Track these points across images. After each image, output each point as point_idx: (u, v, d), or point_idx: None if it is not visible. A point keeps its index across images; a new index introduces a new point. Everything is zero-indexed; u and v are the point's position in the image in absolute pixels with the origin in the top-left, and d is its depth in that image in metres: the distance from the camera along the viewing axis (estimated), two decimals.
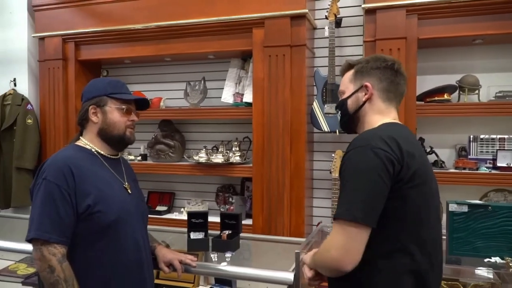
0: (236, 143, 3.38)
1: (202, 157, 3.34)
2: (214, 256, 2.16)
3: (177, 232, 2.87)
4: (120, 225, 1.71)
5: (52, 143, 3.73)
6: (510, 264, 1.79)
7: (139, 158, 3.68)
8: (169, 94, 3.73)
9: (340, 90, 1.66)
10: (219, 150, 3.40)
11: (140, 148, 3.74)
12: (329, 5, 3.08)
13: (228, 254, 2.12)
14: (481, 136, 2.98)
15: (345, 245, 1.29)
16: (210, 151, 3.42)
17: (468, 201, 1.85)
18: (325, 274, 1.44)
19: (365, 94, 1.54)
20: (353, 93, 1.57)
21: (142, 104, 1.89)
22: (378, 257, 1.34)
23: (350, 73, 1.61)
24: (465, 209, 1.84)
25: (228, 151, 3.36)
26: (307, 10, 3.00)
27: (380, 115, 1.53)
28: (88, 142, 1.80)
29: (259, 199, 3.11)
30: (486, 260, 1.84)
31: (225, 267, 1.96)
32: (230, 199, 3.46)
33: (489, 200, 2.95)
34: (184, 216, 3.49)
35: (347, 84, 1.61)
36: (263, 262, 2.29)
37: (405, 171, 1.34)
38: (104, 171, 1.77)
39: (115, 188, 1.77)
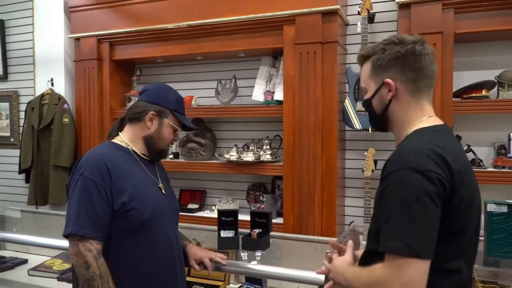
0: (266, 141, 3.36)
1: (232, 155, 3.34)
2: (244, 254, 2.15)
3: (208, 230, 2.88)
4: (154, 223, 1.74)
5: (87, 141, 3.82)
6: None
7: (171, 156, 3.71)
8: (200, 92, 3.75)
9: (361, 88, 1.48)
10: (250, 148, 3.40)
11: (172, 147, 3.78)
12: (361, 0, 3.02)
13: (258, 253, 2.11)
14: None
15: (410, 281, 1.15)
16: (241, 149, 3.42)
17: (508, 201, 1.78)
18: None
19: (389, 91, 1.37)
20: (375, 92, 1.40)
21: (186, 128, 1.96)
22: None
23: (367, 67, 1.42)
24: (504, 209, 1.76)
25: (258, 150, 3.35)
26: (339, 6, 2.95)
27: (412, 112, 1.37)
28: (128, 141, 1.83)
29: (290, 198, 3.09)
30: None
31: (255, 266, 1.96)
32: (261, 198, 3.45)
33: None
34: (215, 214, 3.50)
35: (367, 81, 1.43)
36: (293, 262, 2.27)
37: (455, 194, 1.22)
38: (139, 170, 1.80)
39: (149, 187, 1.80)
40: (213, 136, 3.66)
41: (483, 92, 2.81)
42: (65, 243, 2.47)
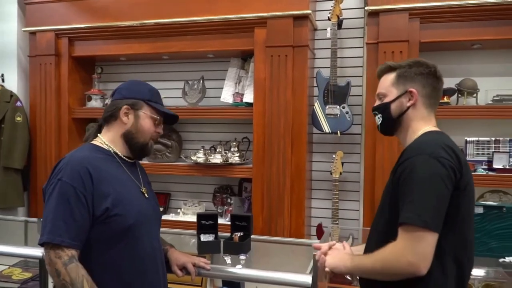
0: (234, 143, 3.35)
1: (200, 157, 3.30)
2: (227, 258, 2.13)
3: (173, 233, 2.84)
4: (138, 229, 1.67)
5: (42, 141, 3.61)
6: None
7: None
8: (166, 93, 3.64)
9: (380, 93, 1.65)
10: (217, 150, 3.37)
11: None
12: (332, 6, 3.09)
13: (242, 257, 2.09)
14: (478, 139, 3.04)
15: (422, 250, 1.32)
16: (208, 151, 3.38)
17: (484, 202, 1.89)
18: (385, 279, 1.42)
19: (409, 100, 1.57)
20: (397, 98, 1.59)
21: (170, 119, 1.87)
22: None
23: (391, 76, 1.62)
24: (480, 210, 1.87)
25: (226, 152, 3.33)
26: (310, 11, 3.00)
27: (423, 121, 1.57)
28: (108, 142, 1.74)
29: (259, 200, 3.10)
30: (500, 260, 1.88)
31: (240, 270, 1.94)
32: (228, 200, 3.42)
33: (485, 201, 3.01)
34: (181, 217, 3.46)
35: (388, 88, 1.62)
36: (275, 264, 2.27)
37: (463, 180, 1.40)
38: (121, 174, 1.72)
39: (132, 191, 1.73)
40: (179, 138, 3.59)
41: (445, 99, 2.97)
42: (20, 250, 2.33)
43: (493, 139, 3.03)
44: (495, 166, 2.94)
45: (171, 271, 1.93)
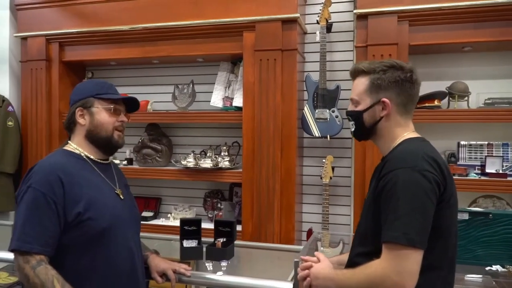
0: (225, 147, 3.33)
1: (190, 161, 3.28)
2: (209, 265, 2.10)
3: (163, 239, 2.80)
4: (113, 232, 1.65)
5: (34, 146, 3.61)
6: None
7: (125, 162, 3.59)
8: (156, 97, 3.65)
9: (353, 99, 1.58)
10: (208, 155, 3.35)
11: (126, 152, 3.66)
12: (320, 10, 3.07)
13: (223, 263, 2.06)
14: (470, 143, 3.01)
15: (408, 269, 1.27)
16: (198, 155, 3.37)
17: (469, 208, 1.85)
18: None
19: (383, 109, 1.51)
20: (369, 107, 1.52)
21: (131, 105, 1.82)
22: None
23: (365, 82, 1.53)
24: (465, 216, 1.83)
25: (216, 156, 3.31)
26: (298, 15, 2.98)
27: (400, 128, 1.52)
28: (77, 146, 1.73)
29: (249, 205, 3.07)
30: (487, 268, 1.84)
31: (221, 277, 1.91)
32: (219, 205, 3.40)
33: (478, 206, 2.97)
34: (171, 222, 3.43)
35: (361, 95, 1.54)
36: (258, 271, 2.25)
37: (446, 192, 1.36)
38: (94, 177, 1.71)
39: (106, 194, 1.71)
40: (169, 142, 3.57)
41: (436, 102, 2.93)
42: (7, 255, 2.31)
43: (486, 143, 2.99)
44: (488, 170, 2.90)
45: (151, 278, 1.90)
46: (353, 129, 1.61)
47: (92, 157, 1.74)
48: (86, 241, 1.59)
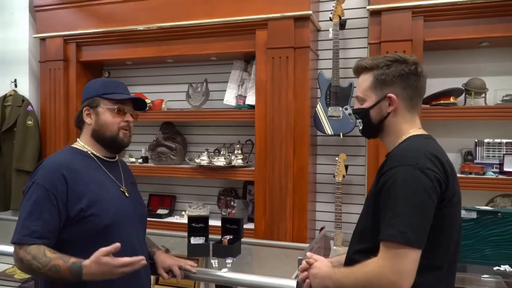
0: (238, 146, 3.33)
1: (203, 160, 3.29)
2: (214, 262, 2.11)
3: (178, 236, 2.81)
4: (116, 229, 1.67)
5: (52, 144, 3.69)
6: None
7: (140, 160, 3.64)
8: (171, 96, 3.69)
9: (358, 96, 1.56)
10: (221, 153, 3.36)
11: (141, 151, 3.71)
12: (333, 6, 3.04)
13: (228, 260, 2.07)
14: (488, 141, 2.93)
15: (404, 268, 1.25)
16: (212, 154, 3.38)
17: (477, 207, 1.80)
18: None
19: (389, 105, 1.48)
20: (375, 104, 1.50)
21: (139, 104, 1.84)
22: None
23: (369, 79, 1.50)
24: (473, 215, 1.79)
25: (230, 154, 3.32)
26: (311, 12, 2.96)
27: (406, 124, 1.49)
28: (84, 144, 1.77)
29: (261, 203, 3.07)
30: (495, 268, 1.79)
31: (225, 274, 1.91)
32: (232, 203, 3.41)
33: (495, 206, 2.89)
34: (186, 220, 3.44)
35: (367, 92, 1.51)
36: (265, 268, 2.24)
37: (449, 191, 1.33)
38: (99, 174, 1.73)
39: (110, 191, 1.73)
40: (184, 140, 3.60)
41: (451, 99, 2.87)
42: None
43: (505, 141, 2.91)
44: (506, 169, 2.82)
45: (158, 274, 1.92)
46: (360, 127, 1.59)
47: (98, 155, 1.77)
48: (88, 237, 1.62)
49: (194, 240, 2.17)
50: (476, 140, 2.95)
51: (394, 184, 1.31)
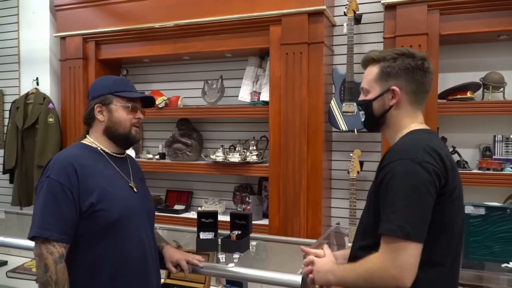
0: (253, 142, 3.35)
1: (219, 156, 3.32)
2: (222, 256, 2.13)
3: (194, 232, 2.85)
4: (124, 224, 1.70)
5: (72, 141, 3.76)
6: None
7: (157, 156, 3.69)
8: (187, 92, 3.72)
9: (363, 88, 1.55)
10: (236, 149, 3.38)
11: (158, 147, 3.76)
12: (348, 1, 3.01)
13: (236, 255, 2.08)
14: (507, 136, 2.85)
15: (405, 262, 1.25)
16: (227, 150, 3.40)
17: (486, 203, 1.76)
18: None
19: (392, 98, 1.47)
20: (379, 96, 1.49)
21: (148, 101, 1.88)
22: None
23: (375, 71, 1.50)
24: (482, 211, 1.75)
25: (245, 150, 3.33)
26: (325, 7, 2.94)
27: (409, 118, 1.48)
28: (94, 140, 1.80)
29: (276, 199, 3.07)
30: (503, 265, 1.75)
31: (232, 268, 1.92)
32: (247, 199, 3.42)
33: None
34: None
35: (371, 83, 1.51)
36: (273, 264, 2.25)
37: (448, 185, 1.32)
38: (109, 170, 1.77)
39: (119, 186, 1.76)
40: (200, 137, 3.63)
41: (468, 94, 2.81)
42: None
43: None
44: None
45: (166, 268, 1.95)
46: (363, 119, 1.58)
47: (107, 151, 1.80)
48: (98, 231, 1.65)
49: (203, 235, 2.20)
50: (494, 136, 2.88)
51: (393, 178, 1.30)
